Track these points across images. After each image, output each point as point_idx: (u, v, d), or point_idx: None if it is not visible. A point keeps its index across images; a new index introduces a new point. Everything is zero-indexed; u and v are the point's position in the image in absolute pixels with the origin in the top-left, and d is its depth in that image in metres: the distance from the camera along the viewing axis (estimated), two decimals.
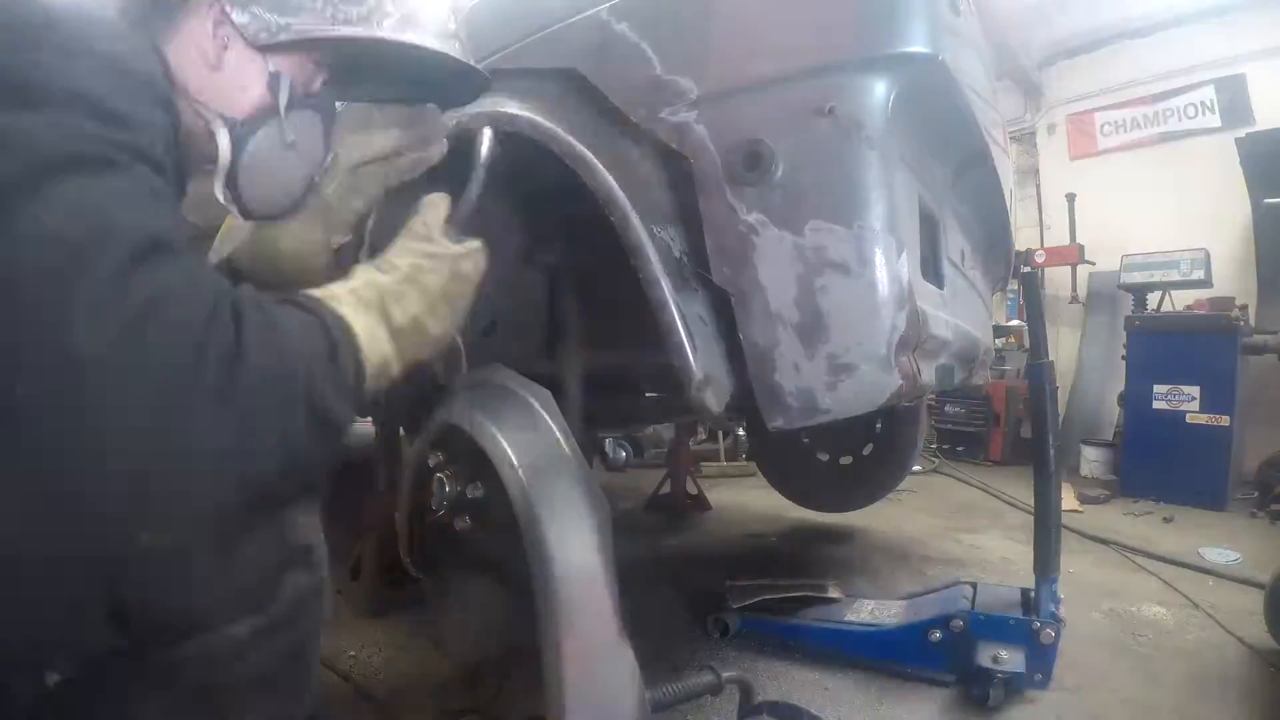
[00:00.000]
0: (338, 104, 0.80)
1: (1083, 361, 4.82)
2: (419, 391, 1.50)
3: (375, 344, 0.65)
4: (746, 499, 3.30)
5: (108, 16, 0.60)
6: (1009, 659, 1.36)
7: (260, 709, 0.66)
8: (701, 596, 1.81)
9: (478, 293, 0.80)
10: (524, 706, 1.33)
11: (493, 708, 1.32)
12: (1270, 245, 3.90)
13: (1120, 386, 3.99)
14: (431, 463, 1.38)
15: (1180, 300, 4.08)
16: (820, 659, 1.57)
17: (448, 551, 1.23)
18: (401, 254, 0.74)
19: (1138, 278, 4.08)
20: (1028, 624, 1.40)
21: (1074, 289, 4.91)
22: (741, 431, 4.17)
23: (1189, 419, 3.52)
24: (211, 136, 0.68)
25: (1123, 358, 3.92)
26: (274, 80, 0.70)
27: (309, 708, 0.73)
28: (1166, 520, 3.11)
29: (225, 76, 0.68)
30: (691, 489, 3.03)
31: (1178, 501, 3.35)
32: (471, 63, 0.83)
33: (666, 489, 3.00)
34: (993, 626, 1.42)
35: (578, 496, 0.84)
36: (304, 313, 0.60)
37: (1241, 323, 3.61)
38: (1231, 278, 4.02)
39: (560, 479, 0.84)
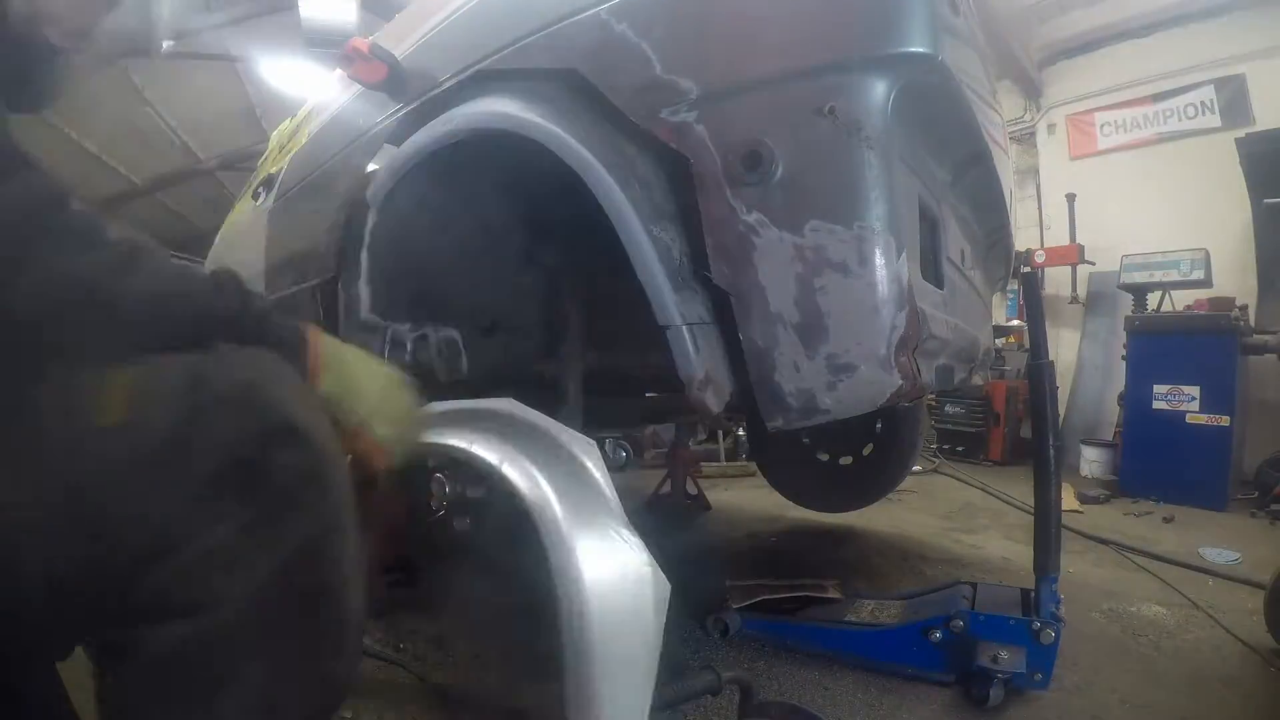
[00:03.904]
0: None
1: (1083, 361, 4.83)
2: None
3: None
4: (746, 499, 3.30)
5: None
6: (1009, 659, 1.36)
7: (276, 655, 0.52)
8: (701, 596, 1.81)
9: None
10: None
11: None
12: (1270, 245, 3.91)
13: (1120, 386, 3.99)
14: (431, 463, 1.38)
15: (1180, 300, 4.08)
16: (820, 659, 1.57)
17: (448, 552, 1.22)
18: None
19: (1138, 278, 4.09)
20: (1027, 624, 1.40)
21: (1074, 289, 4.91)
22: (741, 431, 4.17)
23: (1189, 419, 3.52)
24: None
25: (1123, 358, 3.92)
26: None
27: (350, 662, 0.60)
28: (1166, 520, 3.11)
29: None
30: (691, 489, 3.03)
31: (1178, 501, 3.36)
32: None
33: (666, 489, 3.00)
34: (993, 626, 1.42)
35: (632, 572, 0.74)
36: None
37: (1241, 323, 3.61)
38: (1231, 278, 4.02)
39: (610, 548, 0.75)
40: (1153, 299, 4.12)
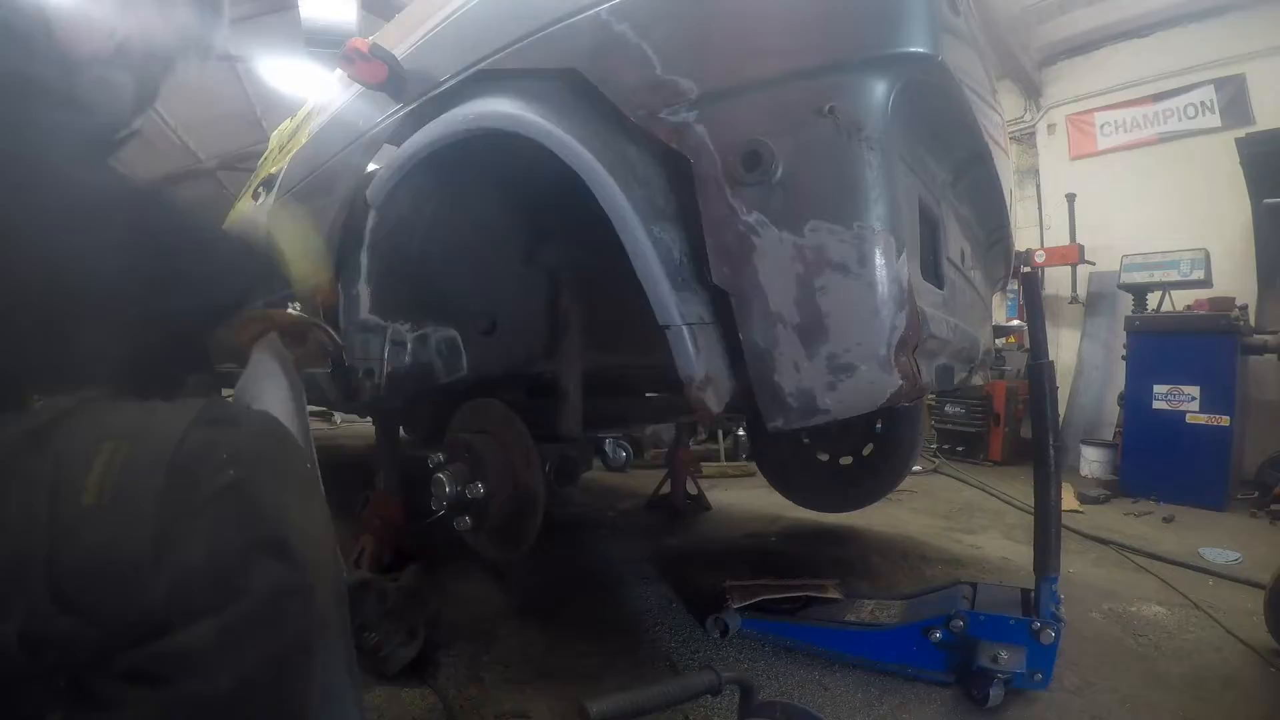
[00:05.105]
0: None
1: (1083, 361, 4.83)
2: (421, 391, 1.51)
3: None
4: (746, 499, 3.29)
5: None
6: (1009, 659, 1.36)
7: None
8: (701, 596, 1.81)
9: None
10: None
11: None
12: (1270, 245, 3.91)
13: (1120, 386, 3.99)
14: (431, 463, 1.38)
15: (1180, 300, 4.08)
16: (820, 659, 1.57)
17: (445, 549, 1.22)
18: None
19: (1138, 278, 4.08)
20: (1027, 624, 1.40)
21: (1074, 289, 4.91)
22: (741, 431, 4.17)
23: (1189, 419, 3.52)
24: None
25: (1123, 358, 3.92)
26: None
27: None
28: (1166, 520, 3.11)
29: None
30: (691, 489, 3.03)
31: (1178, 501, 3.35)
32: None
33: (666, 489, 2.99)
34: (993, 626, 1.42)
35: None
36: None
37: (1241, 323, 3.61)
38: (1231, 278, 4.02)
39: None
40: (1153, 299, 4.12)
